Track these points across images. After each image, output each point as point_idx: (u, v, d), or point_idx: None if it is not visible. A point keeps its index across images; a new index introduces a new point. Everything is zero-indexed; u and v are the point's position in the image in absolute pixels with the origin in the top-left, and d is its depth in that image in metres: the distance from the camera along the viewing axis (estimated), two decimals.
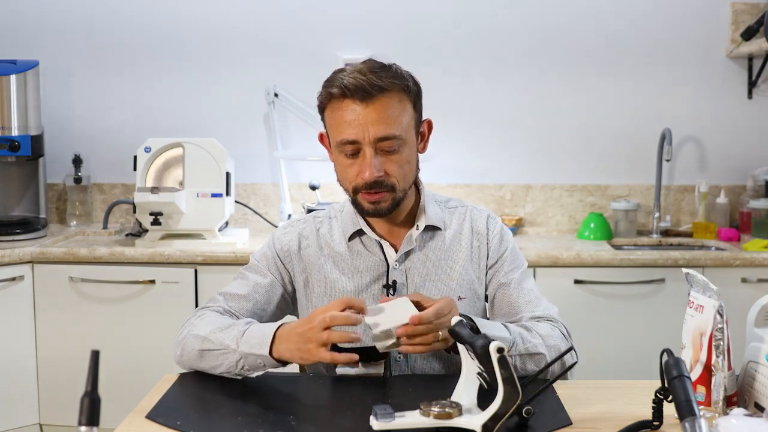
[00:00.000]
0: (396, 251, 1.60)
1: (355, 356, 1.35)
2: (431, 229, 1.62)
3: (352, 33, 3.29)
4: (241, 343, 1.44)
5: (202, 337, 1.49)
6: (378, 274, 1.59)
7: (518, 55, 3.28)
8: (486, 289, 1.64)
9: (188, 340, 1.51)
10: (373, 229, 1.61)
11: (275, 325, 1.45)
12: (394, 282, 1.58)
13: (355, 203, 1.57)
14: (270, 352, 1.41)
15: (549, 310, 1.60)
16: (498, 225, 1.67)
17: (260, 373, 1.47)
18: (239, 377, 1.47)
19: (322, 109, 1.56)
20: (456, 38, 3.28)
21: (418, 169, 1.59)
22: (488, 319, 1.66)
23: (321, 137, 1.63)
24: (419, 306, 1.41)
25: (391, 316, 1.37)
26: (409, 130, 1.53)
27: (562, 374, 1.36)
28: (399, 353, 1.55)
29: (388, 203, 1.53)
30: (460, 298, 1.59)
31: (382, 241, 1.60)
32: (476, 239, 1.64)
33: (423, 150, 1.61)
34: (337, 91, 1.49)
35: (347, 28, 3.29)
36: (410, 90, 1.53)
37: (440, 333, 1.37)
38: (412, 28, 3.28)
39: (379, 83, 1.48)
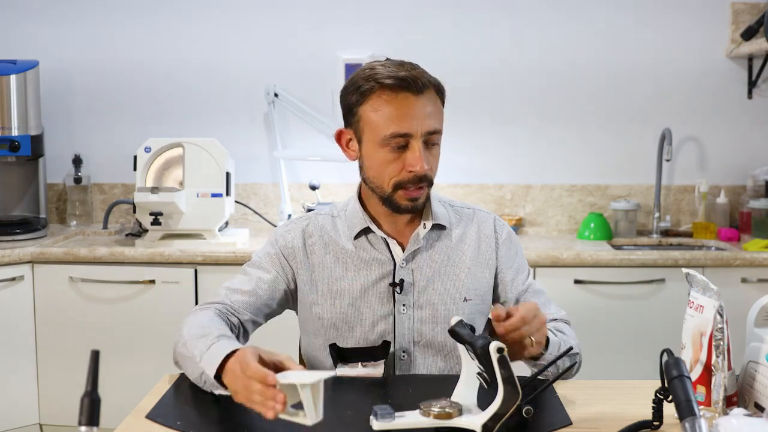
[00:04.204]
0: (403, 249, 1.60)
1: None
2: (438, 228, 1.62)
3: (352, 33, 3.29)
4: (204, 358, 1.34)
5: (183, 340, 1.43)
6: (384, 272, 1.58)
7: (519, 56, 3.29)
8: (494, 291, 1.65)
9: (176, 338, 1.47)
10: (379, 227, 1.60)
11: (232, 346, 1.31)
12: (402, 281, 1.57)
13: (389, 201, 1.53)
14: (217, 375, 1.31)
15: (561, 311, 1.65)
16: (506, 229, 1.68)
17: (223, 392, 1.31)
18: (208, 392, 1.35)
19: (358, 104, 1.50)
20: (456, 38, 3.28)
21: None
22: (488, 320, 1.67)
23: (339, 135, 1.58)
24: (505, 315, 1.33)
25: (303, 377, 1.16)
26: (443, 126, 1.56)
27: (561, 375, 1.36)
28: (403, 352, 1.55)
29: (422, 198, 1.56)
30: (465, 300, 1.59)
31: (389, 239, 1.59)
32: (483, 242, 1.64)
33: None
34: (393, 83, 1.46)
35: (347, 28, 3.29)
36: (440, 88, 1.55)
37: (531, 338, 1.34)
38: (412, 28, 3.28)
39: (426, 77, 1.49)
